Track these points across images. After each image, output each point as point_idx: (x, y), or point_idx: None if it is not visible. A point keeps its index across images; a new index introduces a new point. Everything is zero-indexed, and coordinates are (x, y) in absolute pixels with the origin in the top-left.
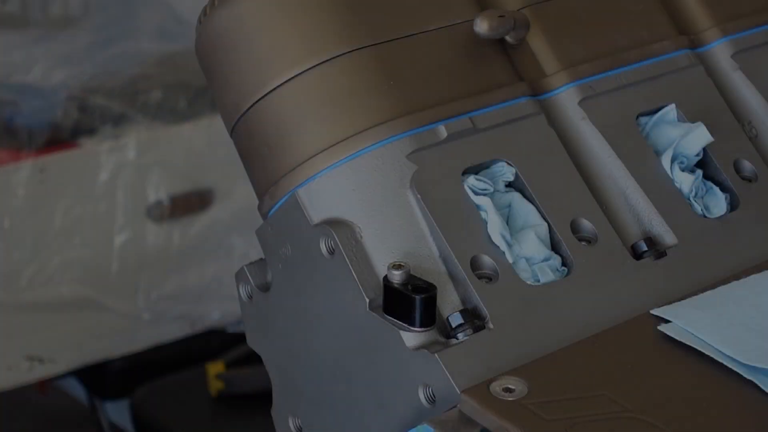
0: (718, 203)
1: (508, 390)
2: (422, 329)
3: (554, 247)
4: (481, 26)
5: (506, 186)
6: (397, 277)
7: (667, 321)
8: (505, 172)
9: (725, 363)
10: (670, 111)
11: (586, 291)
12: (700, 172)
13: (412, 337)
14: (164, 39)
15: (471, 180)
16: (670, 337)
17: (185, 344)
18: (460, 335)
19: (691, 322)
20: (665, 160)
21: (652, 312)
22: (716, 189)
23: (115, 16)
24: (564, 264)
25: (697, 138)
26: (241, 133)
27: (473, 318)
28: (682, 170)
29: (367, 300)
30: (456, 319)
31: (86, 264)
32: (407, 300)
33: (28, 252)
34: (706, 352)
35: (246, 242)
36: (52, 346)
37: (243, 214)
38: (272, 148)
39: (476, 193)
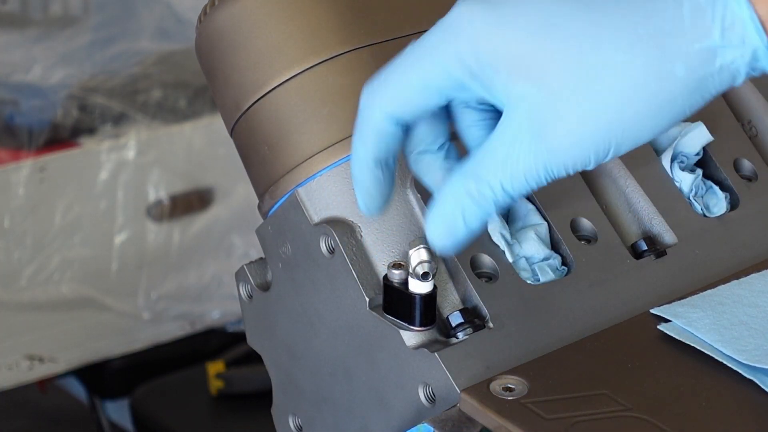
0: (718, 202)
1: (508, 389)
2: (422, 328)
3: (554, 246)
4: None
5: None
6: (397, 276)
7: (666, 320)
8: None
9: (725, 362)
10: None
11: (586, 290)
12: (700, 171)
13: (412, 336)
14: (164, 38)
15: None
16: (669, 337)
17: (185, 344)
18: (460, 334)
19: (691, 321)
20: (665, 160)
21: (651, 311)
22: (716, 188)
23: (115, 16)
24: (564, 263)
25: (697, 137)
26: (241, 132)
27: (473, 317)
28: (682, 169)
29: (367, 299)
30: (456, 319)
31: (86, 263)
32: (407, 299)
33: (28, 252)
34: (706, 352)
35: (246, 242)
36: (52, 346)
37: (243, 214)
38: (272, 147)
39: None
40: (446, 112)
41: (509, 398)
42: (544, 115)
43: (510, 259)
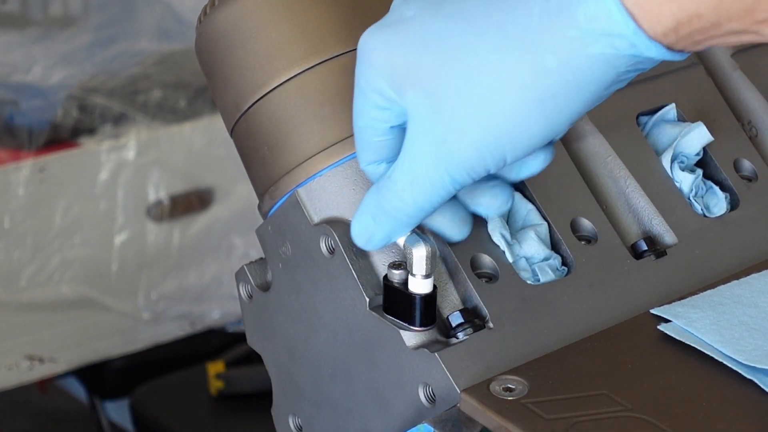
0: (718, 203)
1: (508, 389)
2: (422, 328)
3: (554, 246)
4: None
5: None
6: (397, 276)
7: (667, 320)
8: None
9: (725, 363)
10: (670, 110)
11: (586, 290)
12: (700, 171)
13: (412, 337)
14: (164, 39)
15: None
16: (670, 337)
17: (185, 344)
18: (460, 334)
19: (691, 321)
20: (665, 160)
21: (651, 311)
22: (716, 188)
23: (115, 16)
24: (564, 263)
25: (697, 137)
26: (241, 132)
27: (473, 317)
28: (682, 170)
29: (367, 299)
30: (456, 319)
31: (86, 264)
32: (407, 299)
33: (28, 252)
34: (706, 352)
35: (246, 242)
36: (52, 346)
37: (243, 214)
38: (272, 148)
39: None
40: None
41: (509, 398)
42: (436, 121)
43: (510, 259)
